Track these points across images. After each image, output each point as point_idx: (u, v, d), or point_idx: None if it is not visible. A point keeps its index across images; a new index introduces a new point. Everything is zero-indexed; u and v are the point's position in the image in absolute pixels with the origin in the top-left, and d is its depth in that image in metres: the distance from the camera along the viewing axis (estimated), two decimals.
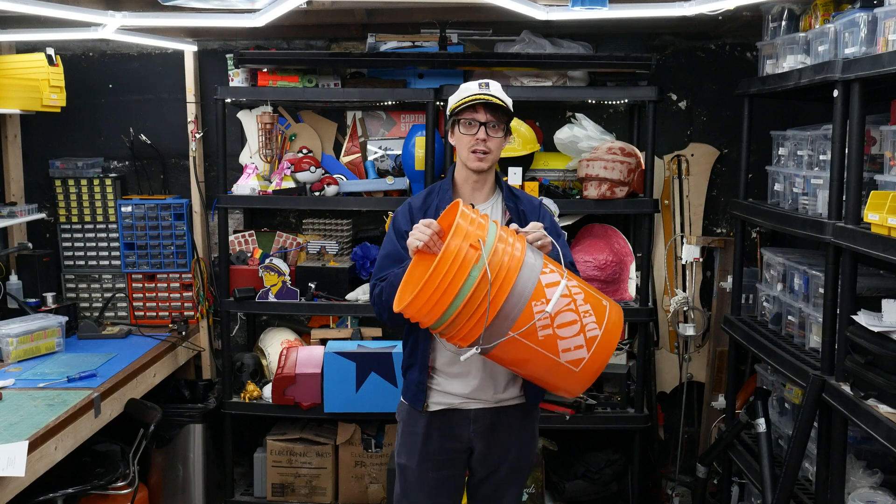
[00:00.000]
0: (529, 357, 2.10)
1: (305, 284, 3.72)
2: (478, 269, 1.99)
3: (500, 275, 2.02)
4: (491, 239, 2.05)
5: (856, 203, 2.38)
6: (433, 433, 2.44)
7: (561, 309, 2.06)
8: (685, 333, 3.94)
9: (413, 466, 2.46)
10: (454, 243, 2.00)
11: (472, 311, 2.02)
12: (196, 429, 3.75)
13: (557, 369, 2.12)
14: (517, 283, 2.03)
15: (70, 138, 4.22)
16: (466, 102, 2.34)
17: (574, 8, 2.73)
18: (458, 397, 2.41)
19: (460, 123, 2.37)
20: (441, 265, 1.99)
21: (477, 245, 2.01)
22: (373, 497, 3.77)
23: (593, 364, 2.11)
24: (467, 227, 2.04)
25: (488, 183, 2.45)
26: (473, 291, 2.00)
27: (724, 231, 4.07)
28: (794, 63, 2.85)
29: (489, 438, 2.44)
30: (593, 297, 2.15)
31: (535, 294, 2.04)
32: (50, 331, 3.50)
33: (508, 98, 2.40)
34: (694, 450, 4.06)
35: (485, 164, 2.37)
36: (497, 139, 2.36)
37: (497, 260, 2.02)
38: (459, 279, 1.99)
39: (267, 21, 2.86)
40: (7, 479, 2.46)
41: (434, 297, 2.00)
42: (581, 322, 2.09)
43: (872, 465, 2.57)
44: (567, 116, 3.98)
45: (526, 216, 2.43)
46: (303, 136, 4.07)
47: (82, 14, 2.81)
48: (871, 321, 2.25)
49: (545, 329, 2.05)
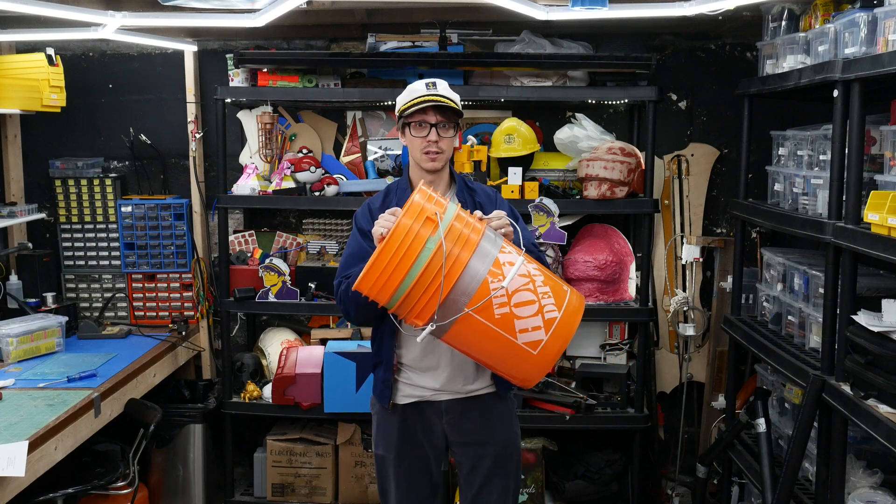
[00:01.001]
0: (486, 337, 2.07)
1: (305, 284, 3.72)
2: (433, 241, 1.98)
3: (455, 248, 2.00)
4: (449, 215, 2.04)
5: (856, 203, 2.38)
6: (407, 424, 2.49)
7: (518, 288, 2.04)
8: (685, 333, 3.94)
9: (390, 457, 2.52)
10: (409, 217, 2.00)
11: (426, 283, 1.99)
12: (196, 429, 3.75)
13: (514, 352, 2.08)
14: (473, 257, 2.02)
15: (70, 138, 4.22)
16: (414, 105, 2.37)
17: (574, 8, 2.73)
18: (429, 390, 2.46)
19: (410, 126, 2.41)
20: (395, 236, 1.98)
21: (434, 218, 2.00)
22: (373, 497, 3.77)
23: (552, 346, 2.07)
24: (424, 203, 2.03)
25: (443, 179, 2.50)
26: (428, 264, 1.98)
27: (724, 231, 4.07)
28: (794, 63, 2.85)
29: (461, 427, 2.48)
30: (553, 281, 2.14)
31: (491, 271, 2.03)
32: (50, 331, 3.50)
33: (456, 95, 2.43)
34: (694, 450, 4.06)
35: (438, 164, 2.41)
36: (448, 139, 2.41)
37: (453, 234, 2.01)
38: (414, 251, 1.98)
39: (267, 21, 2.86)
40: (7, 479, 2.46)
41: (389, 268, 1.98)
42: (539, 303, 2.06)
43: (872, 465, 2.57)
44: (567, 116, 3.98)
45: (483, 207, 2.45)
46: (303, 136, 4.07)
47: (82, 14, 2.81)
48: (871, 321, 2.25)
49: (502, 307, 2.02)
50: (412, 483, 2.52)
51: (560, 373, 3.83)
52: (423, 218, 2.00)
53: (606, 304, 3.68)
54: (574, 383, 3.69)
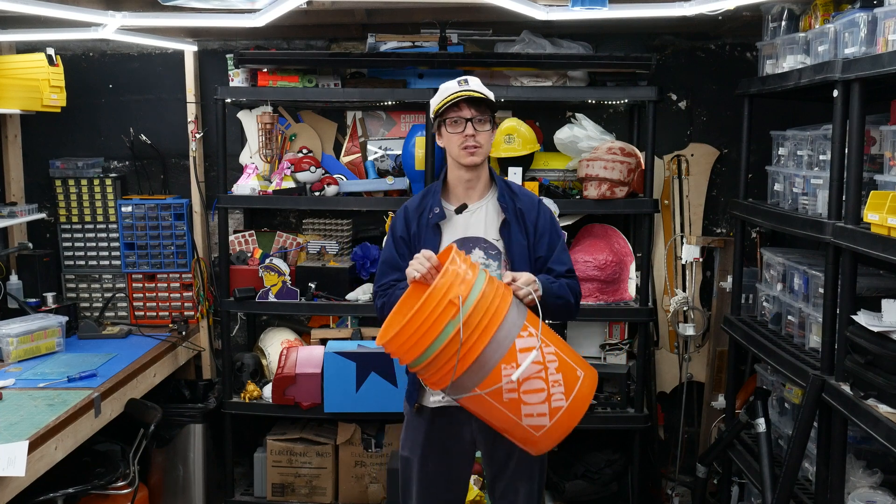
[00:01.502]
0: (494, 413, 2.17)
1: (305, 284, 3.72)
2: (453, 325, 2.04)
3: (473, 334, 2.06)
4: (475, 293, 2.08)
5: (856, 203, 2.38)
6: (435, 429, 2.47)
7: (530, 376, 2.11)
8: (685, 333, 3.94)
9: (415, 459, 2.51)
10: (435, 297, 2.05)
11: (442, 362, 2.08)
12: (196, 429, 3.75)
13: (517, 429, 2.18)
14: (490, 343, 2.08)
15: (70, 138, 4.22)
16: (449, 101, 2.36)
17: (574, 8, 2.73)
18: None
19: (446, 123, 2.39)
20: (418, 316, 2.05)
21: (456, 301, 2.05)
22: (373, 497, 3.77)
23: (554, 433, 2.17)
24: (451, 280, 2.08)
25: (482, 181, 2.47)
26: (446, 345, 2.05)
27: (724, 231, 4.07)
28: (794, 63, 2.85)
29: (493, 435, 2.45)
30: (567, 366, 2.18)
31: (506, 357, 2.09)
32: (50, 331, 3.50)
33: (489, 91, 2.42)
34: (694, 450, 4.06)
35: (478, 158, 2.38)
36: (485, 132, 2.39)
37: (474, 318, 2.06)
38: (435, 331, 2.05)
39: (267, 21, 2.86)
40: (7, 479, 2.46)
41: (410, 342, 2.07)
42: (548, 391, 2.14)
43: (872, 465, 2.57)
44: (567, 116, 3.98)
45: (523, 214, 2.43)
46: (303, 136, 4.07)
47: (82, 14, 2.81)
48: (871, 321, 2.25)
49: (511, 392, 2.11)
50: (436, 488, 2.51)
51: None
52: (447, 301, 2.05)
53: (606, 304, 3.68)
54: None
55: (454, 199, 2.49)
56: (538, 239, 2.44)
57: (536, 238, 2.44)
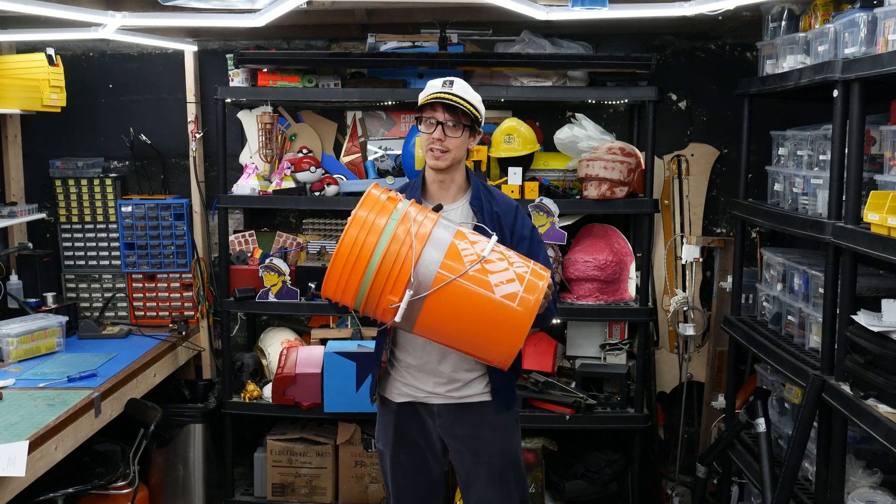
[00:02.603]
0: (463, 300, 2.07)
1: (305, 284, 3.72)
2: (397, 215, 2.06)
3: (416, 227, 2.07)
4: (403, 205, 2.11)
5: (855, 203, 2.38)
6: (402, 422, 2.50)
7: (490, 252, 2.10)
8: (685, 333, 3.94)
9: (388, 452, 2.54)
10: (364, 209, 2.08)
11: (382, 280, 2.04)
12: (196, 429, 3.75)
13: (494, 309, 2.06)
14: (434, 231, 2.09)
15: (70, 138, 4.22)
16: (427, 101, 2.35)
17: (574, 8, 2.73)
18: (422, 392, 2.46)
19: (421, 121, 2.38)
20: (352, 226, 2.06)
21: (393, 200, 2.11)
22: (373, 497, 3.77)
23: (527, 298, 2.07)
24: (379, 195, 2.12)
25: (455, 183, 2.45)
26: (390, 242, 2.04)
27: (724, 231, 4.07)
28: (794, 63, 2.85)
29: (453, 433, 2.48)
30: (517, 253, 2.21)
31: (457, 234, 2.11)
32: (50, 331, 3.50)
33: (475, 96, 2.38)
34: (694, 450, 4.06)
35: (441, 163, 2.36)
36: (455, 139, 2.35)
37: (409, 222, 2.07)
38: (376, 233, 2.05)
39: (267, 21, 2.86)
40: (7, 479, 2.46)
41: (343, 279, 2.05)
42: (507, 261, 2.12)
43: (872, 465, 2.58)
44: (567, 116, 3.98)
45: (500, 217, 2.41)
46: (303, 136, 4.07)
47: (82, 14, 2.81)
48: (871, 321, 2.25)
49: (472, 264, 2.06)
50: (408, 479, 2.53)
51: (560, 373, 3.83)
52: (379, 208, 2.07)
53: (606, 304, 3.68)
54: (574, 383, 3.69)
55: (430, 198, 2.47)
56: (515, 245, 2.40)
57: (513, 244, 2.39)
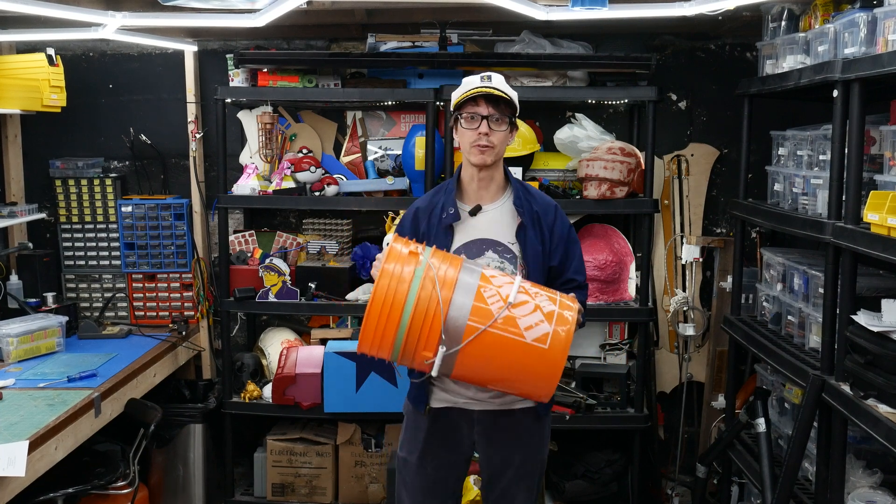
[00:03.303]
0: (496, 348, 2.09)
1: (305, 284, 3.72)
2: (420, 271, 2.06)
3: (441, 279, 2.07)
4: (417, 278, 2.10)
5: (855, 203, 2.38)
6: (436, 431, 2.44)
7: (516, 294, 2.10)
8: (685, 333, 3.94)
9: (413, 461, 2.48)
10: (390, 262, 2.08)
11: (422, 314, 2.05)
12: (196, 429, 3.75)
13: (527, 353, 2.08)
14: (460, 278, 2.09)
15: (70, 138, 4.22)
16: (468, 95, 2.31)
17: (574, 8, 2.73)
18: (462, 397, 2.41)
19: (462, 118, 2.33)
20: (380, 286, 2.06)
21: (416, 253, 2.11)
22: (373, 497, 3.77)
23: (558, 336, 2.08)
24: (402, 248, 2.11)
25: (495, 181, 2.41)
26: (418, 299, 2.05)
27: (723, 231, 4.07)
28: (794, 63, 2.86)
29: (491, 441, 2.44)
30: (540, 286, 2.21)
31: (481, 284, 2.11)
32: (50, 331, 3.50)
33: (513, 91, 2.36)
34: (694, 450, 4.06)
35: (488, 158, 2.33)
36: (500, 133, 2.32)
37: (433, 273, 2.07)
38: (403, 291, 2.05)
39: (267, 21, 2.86)
40: (7, 479, 2.46)
41: (377, 336, 2.07)
42: (534, 302, 2.11)
43: (872, 465, 2.58)
44: (567, 116, 3.98)
45: (540, 217, 2.39)
46: (303, 136, 4.07)
47: (82, 14, 2.81)
48: (871, 321, 2.25)
49: (500, 311, 2.07)
50: (431, 490, 2.49)
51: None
52: (405, 259, 2.08)
53: (606, 304, 3.68)
54: (574, 383, 3.69)
55: (467, 198, 2.43)
56: (554, 246, 2.40)
57: (553, 245, 2.39)
